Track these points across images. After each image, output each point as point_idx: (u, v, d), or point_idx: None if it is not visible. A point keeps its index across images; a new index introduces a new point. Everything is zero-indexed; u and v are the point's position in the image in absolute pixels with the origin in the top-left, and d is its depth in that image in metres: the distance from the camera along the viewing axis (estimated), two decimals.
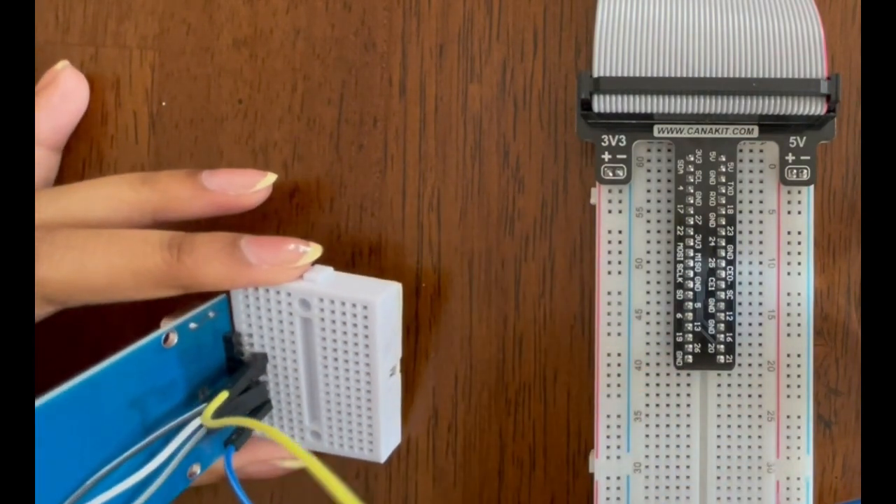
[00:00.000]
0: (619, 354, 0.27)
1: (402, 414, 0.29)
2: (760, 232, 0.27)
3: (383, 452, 0.27)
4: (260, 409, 0.27)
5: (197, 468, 0.26)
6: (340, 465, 0.30)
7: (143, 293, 0.25)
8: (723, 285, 0.26)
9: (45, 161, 0.29)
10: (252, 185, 0.27)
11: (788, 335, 0.27)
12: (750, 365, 0.27)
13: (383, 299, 0.25)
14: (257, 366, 0.26)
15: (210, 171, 0.27)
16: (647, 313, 0.27)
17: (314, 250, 0.26)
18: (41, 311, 0.25)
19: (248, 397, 0.26)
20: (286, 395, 0.27)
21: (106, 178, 0.27)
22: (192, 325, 0.25)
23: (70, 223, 0.25)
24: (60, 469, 0.22)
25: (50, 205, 0.26)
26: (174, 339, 0.24)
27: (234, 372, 0.26)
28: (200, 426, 0.24)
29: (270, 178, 0.28)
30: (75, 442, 0.22)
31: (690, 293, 0.26)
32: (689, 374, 0.27)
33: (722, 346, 0.26)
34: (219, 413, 0.24)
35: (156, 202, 0.26)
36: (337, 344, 0.26)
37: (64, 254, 0.24)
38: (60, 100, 0.29)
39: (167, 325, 0.24)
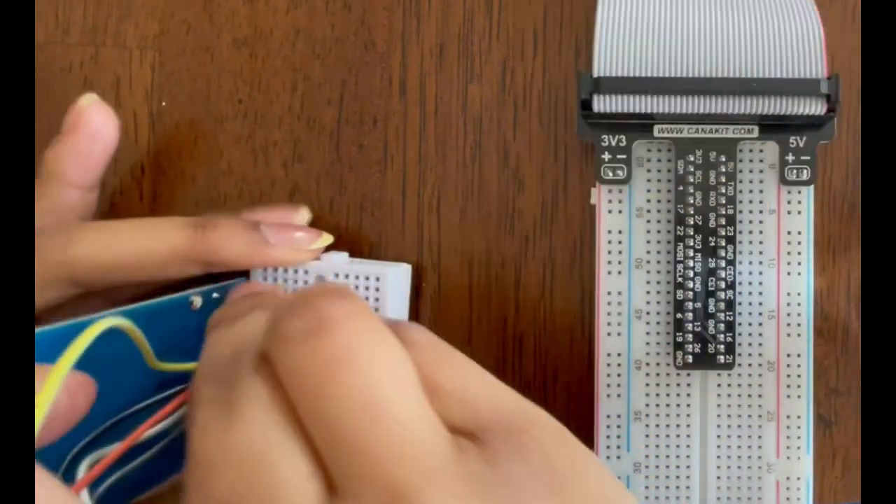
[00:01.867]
0: (619, 354, 0.27)
1: None
2: (760, 232, 0.27)
3: None
4: None
5: None
6: None
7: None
8: (723, 285, 0.26)
9: (79, 201, 0.28)
10: (309, 240, 0.27)
11: (788, 335, 0.27)
12: (750, 365, 0.27)
13: (395, 273, 0.27)
14: None
15: (269, 225, 0.27)
16: (647, 313, 0.27)
17: (325, 238, 0.28)
18: (64, 292, 0.25)
19: None
20: None
21: (158, 221, 0.27)
22: (216, 295, 0.26)
23: (111, 265, 0.25)
24: None
25: (93, 240, 0.25)
26: (199, 303, 0.26)
27: None
28: None
29: (327, 238, 0.28)
30: (96, 373, 0.22)
31: (690, 293, 0.26)
32: (689, 374, 0.27)
33: (722, 346, 0.26)
34: None
35: (211, 255, 0.26)
36: None
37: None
38: (89, 142, 0.28)
39: (192, 291, 0.26)
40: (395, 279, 0.27)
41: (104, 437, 0.22)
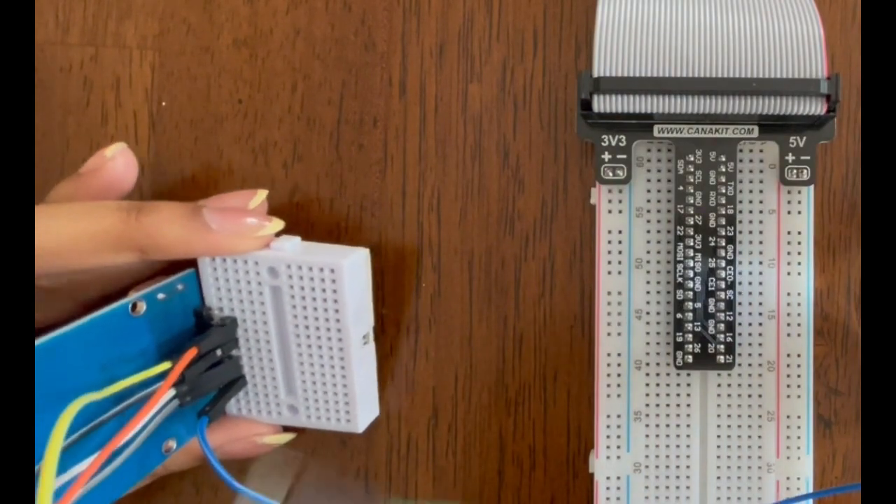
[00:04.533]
0: (619, 354, 0.27)
1: (399, 408, 0.29)
2: (760, 232, 0.27)
3: (361, 422, 0.27)
4: (234, 383, 0.27)
5: (172, 443, 0.26)
6: (340, 465, 0.30)
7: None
8: (723, 285, 0.26)
9: None
10: (256, 226, 0.26)
11: (788, 335, 0.27)
12: (750, 365, 0.27)
13: (350, 262, 0.26)
14: (227, 329, 0.26)
15: (212, 210, 0.25)
16: (647, 313, 0.27)
17: (275, 224, 0.26)
18: None
19: (221, 371, 0.26)
20: (260, 370, 0.27)
21: (90, 204, 0.25)
22: (161, 296, 0.25)
23: (43, 250, 0.23)
24: (45, 417, 0.21)
25: None
26: (142, 307, 0.24)
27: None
28: (173, 397, 0.24)
29: (277, 224, 0.26)
30: (43, 402, 0.22)
31: (690, 293, 0.26)
32: (689, 374, 0.27)
33: (722, 346, 0.26)
34: (191, 382, 0.25)
35: (146, 239, 0.24)
36: (307, 311, 0.26)
37: None
38: (104, 188, 0.27)
39: (134, 295, 0.25)
40: (351, 268, 0.26)
41: (67, 454, 0.22)
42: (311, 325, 0.26)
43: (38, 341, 0.22)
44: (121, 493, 0.24)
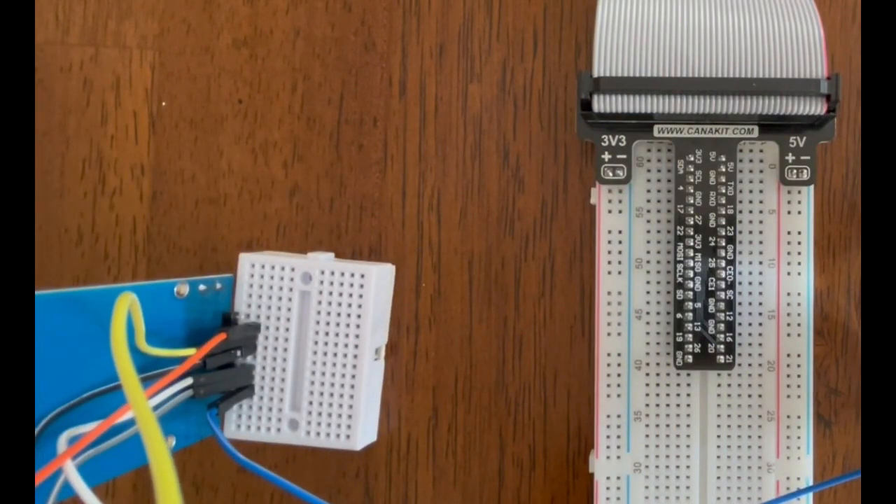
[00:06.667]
0: (619, 354, 0.27)
1: (400, 408, 0.29)
2: (760, 232, 0.27)
3: (360, 440, 0.28)
4: (242, 390, 0.27)
5: (172, 441, 0.26)
6: (340, 464, 0.30)
7: None
8: (723, 285, 0.26)
9: None
10: None
11: (788, 335, 0.27)
12: (750, 365, 0.27)
13: (379, 271, 0.28)
14: (252, 332, 0.27)
15: None
16: (647, 313, 0.27)
17: None
18: None
19: (235, 373, 0.27)
20: (270, 381, 0.28)
21: None
22: (202, 288, 0.26)
23: None
24: (54, 372, 0.22)
25: None
26: (185, 291, 0.26)
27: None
28: (189, 386, 0.25)
29: None
30: (73, 348, 0.22)
31: (690, 293, 0.26)
32: (689, 374, 0.27)
33: (722, 346, 0.26)
34: (209, 375, 0.25)
35: None
36: (331, 317, 0.27)
37: None
38: None
39: (181, 279, 0.26)
40: (378, 277, 0.27)
41: (79, 411, 0.22)
42: (331, 332, 0.27)
43: (79, 289, 0.23)
44: (117, 473, 0.24)
